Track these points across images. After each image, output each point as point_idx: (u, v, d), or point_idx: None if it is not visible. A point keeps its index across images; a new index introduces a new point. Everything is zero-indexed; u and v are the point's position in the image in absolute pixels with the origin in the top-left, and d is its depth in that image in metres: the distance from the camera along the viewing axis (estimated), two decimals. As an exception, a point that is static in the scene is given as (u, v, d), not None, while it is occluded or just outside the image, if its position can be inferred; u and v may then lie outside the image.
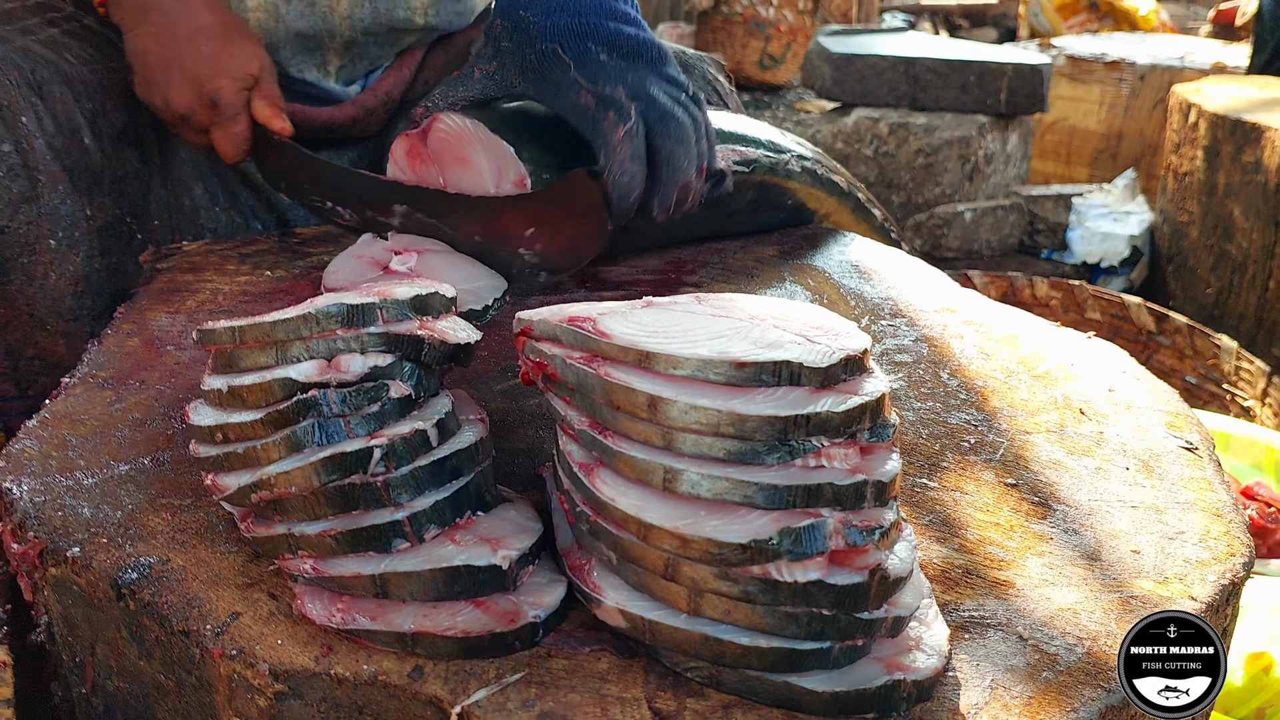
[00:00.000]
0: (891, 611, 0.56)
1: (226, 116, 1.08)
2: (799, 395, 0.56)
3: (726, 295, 0.68)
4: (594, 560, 0.58)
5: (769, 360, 0.56)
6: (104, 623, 0.64)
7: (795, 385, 0.57)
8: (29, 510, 0.68)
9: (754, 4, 5.67)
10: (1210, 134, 2.50)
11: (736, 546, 0.53)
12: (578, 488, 0.58)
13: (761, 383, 0.56)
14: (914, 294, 1.10)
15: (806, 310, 0.66)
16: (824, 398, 0.56)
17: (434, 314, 0.66)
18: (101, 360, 0.87)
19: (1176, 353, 2.06)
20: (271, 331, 0.61)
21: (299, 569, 0.59)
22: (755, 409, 0.55)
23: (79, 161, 1.10)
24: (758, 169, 1.14)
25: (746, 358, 0.57)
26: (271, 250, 1.11)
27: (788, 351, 0.57)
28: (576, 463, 0.59)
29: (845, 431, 0.56)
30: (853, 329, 0.62)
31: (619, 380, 0.57)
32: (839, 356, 0.57)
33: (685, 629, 0.54)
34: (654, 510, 0.55)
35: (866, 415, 0.57)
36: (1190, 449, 0.82)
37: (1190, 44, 4.20)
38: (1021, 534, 0.71)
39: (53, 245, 1.07)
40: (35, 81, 1.09)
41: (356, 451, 0.58)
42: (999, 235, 2.96)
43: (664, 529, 0.54)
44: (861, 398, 0.57)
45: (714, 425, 0.55)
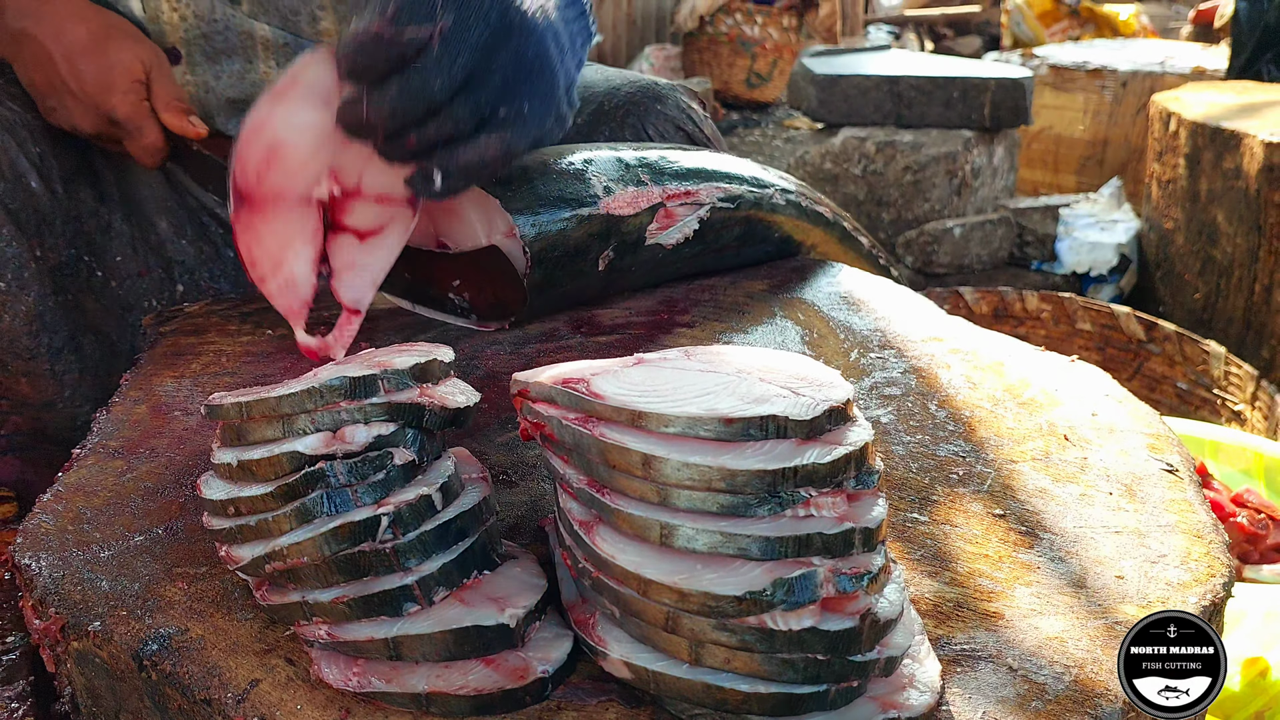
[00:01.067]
0: (884, 652, 0.58)
1: (131, 130, 1.12)
2: (786, 448, 0.59)
3: (715, 349, 0.71)
4: (598, 614, 0.61)
5: (755, 415, 0.59)
6: (127, 693, 0.66)
7: (783, 438, 0.59)
8: (49, 586, 0.70)
9: (739, 24, 5.73)
10: (1190, 142, 2.54)
11: (732, 599, 0.55)
12: (579, 545, 0.61)
13: (750, 437, 0.59)
14: (902, 324, 1.12)
15: (791, 361, 0.68)
16: (810, 449, 0.59)
17: (433, 380, 0.68)
18: (110, 429, 0.90)
19: (1167, 360, 2.09)
20: (277, 406, 0.64)
21: (314, 635, 0.61)
22: (745, 464, 0.58)
23: (25, 204, 1.12)
24: (742, 204, 1.17)
25: (734, 414, 0.59)
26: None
27: (774, 405, 0.60)
28: (576, 520, 0.61)
29: (832, 481, 0.58)
30: (835, 378, 0.65)
31: (613, 440, 0.60)
32: (823, 408, 0.60)
33: (688, 679, 0.56)
34: (652, 566, 0.57)
35: (851, 464, 0.59)
36: (1171, 471, 0.85)
37: (1170, 48, 4.24)
38: (1010, 564, 0.74)
39: (2, 287, 1.10)
40: None
41: (365, 520, 0.61)
42: (989, 249, 2.99)
43: (663, 584, 0.56)
44: (846, 448, 0.59)
45: (706, 480, 0.57)
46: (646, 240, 1.10)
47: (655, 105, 1.34)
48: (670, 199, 1.11)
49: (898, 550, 0.75)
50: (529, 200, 1.01)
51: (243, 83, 1.28)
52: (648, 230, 1.10)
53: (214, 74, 1.26)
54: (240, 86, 1.28)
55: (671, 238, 1.12)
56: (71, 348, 1.14)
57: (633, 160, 1.11)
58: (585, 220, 1.04)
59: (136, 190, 1.26)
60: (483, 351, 1.02)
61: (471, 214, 1.02)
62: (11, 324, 1.10)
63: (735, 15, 5.71)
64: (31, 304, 1.11)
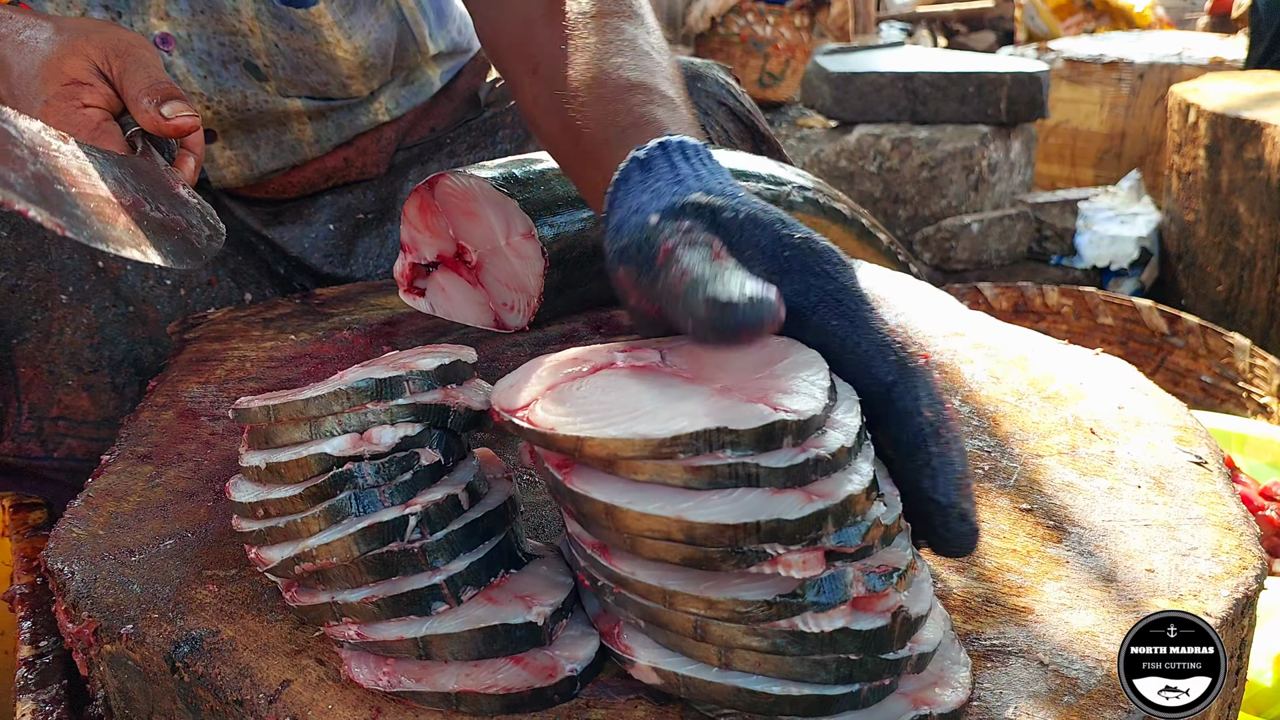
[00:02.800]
0: (915, 649, 0.57)
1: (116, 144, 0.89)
2: (756, 499, 0.54)
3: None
4: (622, 624, 0.60)
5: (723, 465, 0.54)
6: (160, 695, 0.67)
7: (754, 486, 0.54)
8: (81, 590, 0.71)
9: (750, 23, 5.73)
10: (1210, 133, 2.52)
11: (762, 604, 0.54)
12: (595, 566, 0.59)
13: (717, 485, 0.54)
14: (923, 319, 1.12)
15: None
16: (784, 499, 0.54)
17: (458, 381, 0.68)
18: (139, 435, 0.91)
19: (1191, 353, 2.07)
20: (305, 409, 0.64)
21: (344, 635, 0.61)
22: (705, 515, 0.54)
23: None
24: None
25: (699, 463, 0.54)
26: (294, 314, 1.15)
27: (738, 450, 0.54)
28: (587, 543, 0.59)
29: (803, 538, 0.54)
30: (850, 398, 0.60)
31: (579, 489, 0.56)
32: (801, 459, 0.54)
33: (718, 682, 0.55)
34: (675, 578, 0.56)
35: (829, 520, 0.54)
36: (1200, 463, 0.84)
37: (1187, 39, 4.22)
38: (1038, 559, 0.73)
39: (64, 300, 1.10)
40: None
41: (393, 520, 0.61)
42: (1007, 244, 2.98)
43: (689, 594, 0.55)
44: (822, 503, 0.54)
45: (665, 532, 0.54)
46: None
47: (695, 84, 1.34)
48: None
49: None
50: (547, 201, 1.02)
51: (280, 148, 1.26)
52: None
53: (251, 144, 1.25)
54: (280, 154, 1.26)
55: None
56: (130, 360, 1.13)
57: None
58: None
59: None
60: (504, 353, 1.03)
61: (490, 215, 1.03)
62: (73, 337, 1.10)
63: (747, 16, 5.71)
64: (92, 316, 1.11)
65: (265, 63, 1.20)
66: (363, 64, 1.26)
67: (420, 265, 1.10)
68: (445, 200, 1.04)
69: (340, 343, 1.07)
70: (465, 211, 1.04)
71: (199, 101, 1.19)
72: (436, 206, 1.05)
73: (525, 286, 1.03)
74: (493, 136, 1.37)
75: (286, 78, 1.22)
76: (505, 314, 1.06)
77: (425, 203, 1.06)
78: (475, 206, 1.03)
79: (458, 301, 1.10)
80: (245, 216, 1.31)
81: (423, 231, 1.08)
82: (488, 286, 1.06)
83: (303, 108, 1.25)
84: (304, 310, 1.16)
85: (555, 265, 1.01)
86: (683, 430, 0.54)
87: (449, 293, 1.10)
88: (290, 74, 1.22)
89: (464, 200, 1.03)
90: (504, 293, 1.06)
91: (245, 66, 1.20)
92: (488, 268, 1.05)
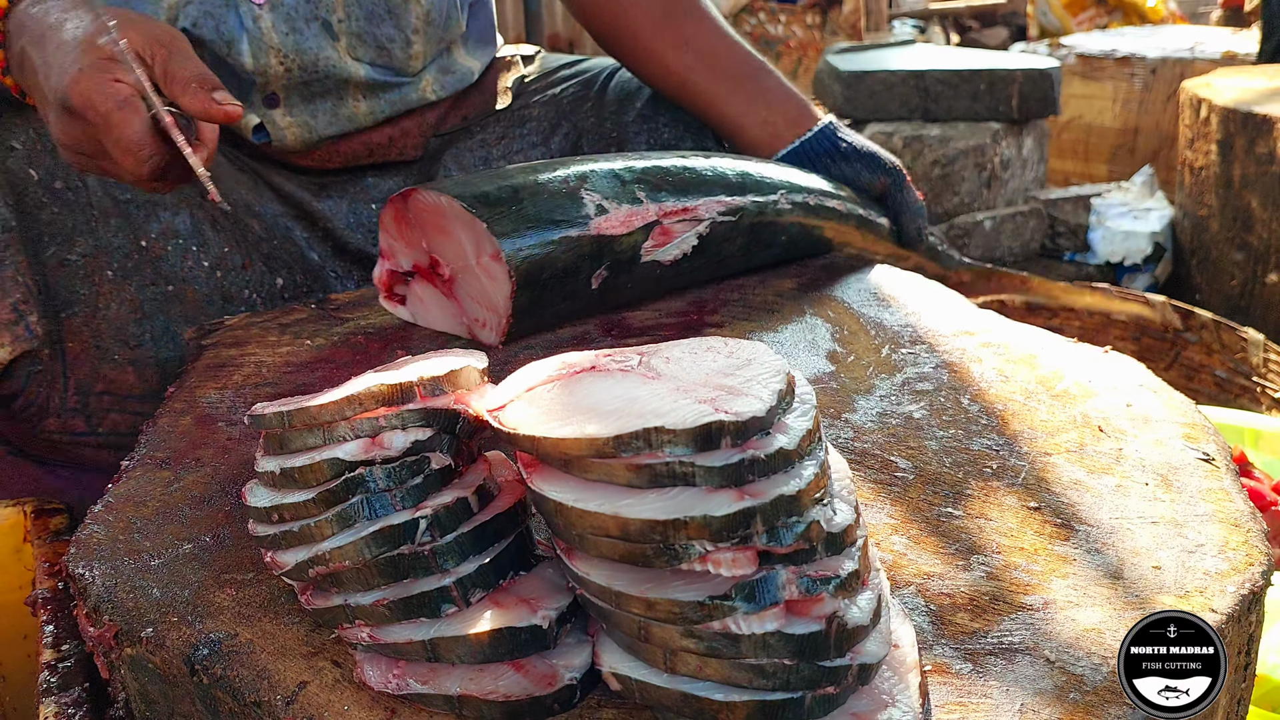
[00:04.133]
0: (856, 659, 0.56)
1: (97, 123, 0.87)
2: (689, 497, 0.56)
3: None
4: (597, 629, 0.61)
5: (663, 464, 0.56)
6: (179, 697, 0.68)
7: (689, 485, 0.56)
8: (102, 594, 0.72)
9: (762, 22, 5.73)
10: (1222, 128, 2.51)
11: (695, 604, 0.55)
12: (563, 567, 0.61)
13: (656, 483, 0.56)
14: (932, 319, 1.13)
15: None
16: (716, 497, 0.55)
17: (468, 387, 0.69)
18: (157, 441, 0.92)
19: (1204, 348, 2.06)
20: (318, 415, 0.65)
21: (357, 637, 0.62)
22: (639, 512, 0.55)
23: (135, 195, 1.16)
24: (745, 216, 1.16)
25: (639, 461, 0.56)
26: (310, 319, 1.16)
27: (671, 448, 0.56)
28: (560, 545, 0.61)
29: (730, 537, 0.55)
30: (807, 404, 0.61)
31: (536, 488, 0.59)
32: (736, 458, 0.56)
33: (666, 687, 0.56)
34: (622, 579, 0.57)
35: (756, 519, 0.54)
36: (1207, 459, 0.84)
37: (1199, 34, 4.19)
38: (1046, 557, 0.74)
39: (110, 276, 1.13)
40: None
41: (403, 523, 0.62)
42: (1020, 241, 2.97)
43: (631, 595, 0.56)
44: (750, 501, 0.55)
45: (604, 529, 0.56)
46: (643, 258, 1.09)
47: None
48: (667, 216, 1.10)
49: (932, 544, 0.75)
50: (516, 222, 1.01)
51: (336, 118, 1.33)
52: (643, 248, 1.09)
53: (310, 113, 1.31)
54: (336, 123, 1.33)
55: (669, 254, 1.11)
56: (169, 337, 1.17)
57: (629, 175, 1.11)
58: (575, 242, 1.04)
59: (235, 189, 1.29)
60: (516, 357, 1.04)
61: (460, 233, 1.03)
62: (119, 312, 1.13)
63: (759, 15, 5.71)
64: (134, 292, 1.14)
65: (341, 16, 1.28)
66: (427, 16, 1.34)
67: (398, 273, 1.11)
68: (419, 214, 1.04)
69: (356, 347, 1.08)
70: (438, 227, 1.04)
71: (274, 57, 1.25)
72: (411, 219, 1.06)
73: (495, 307, 1.03)
74: (521, 127, 1.44)
75: (357, 31, 1.29)
76: (478, 330, 1.06)
77: (400, 213, 1.06)
78: (446, 223, 1.03)
79: (435, 311, 1.10)
80: (295, 190, 1.36)
81: (399, 240, 1.08)
82: (461, 301, 1.06)
83: (363, 76, 1.32)
84: (319, 316, 1.17)
85: (524, 287, 1.01)
86: (623, 430, 0.56)
87: (426, 303, 1.10)
88: (362, 25, 1.29)
89: (436, 216, 1.03)
90: (476, 309, 1.05)
91: (323, 25, 1.26)
92: (460, 283, 1.05)
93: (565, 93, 1.46)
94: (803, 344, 1.07)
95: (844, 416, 0.92)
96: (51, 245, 1.09)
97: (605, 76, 1.46)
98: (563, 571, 0.62)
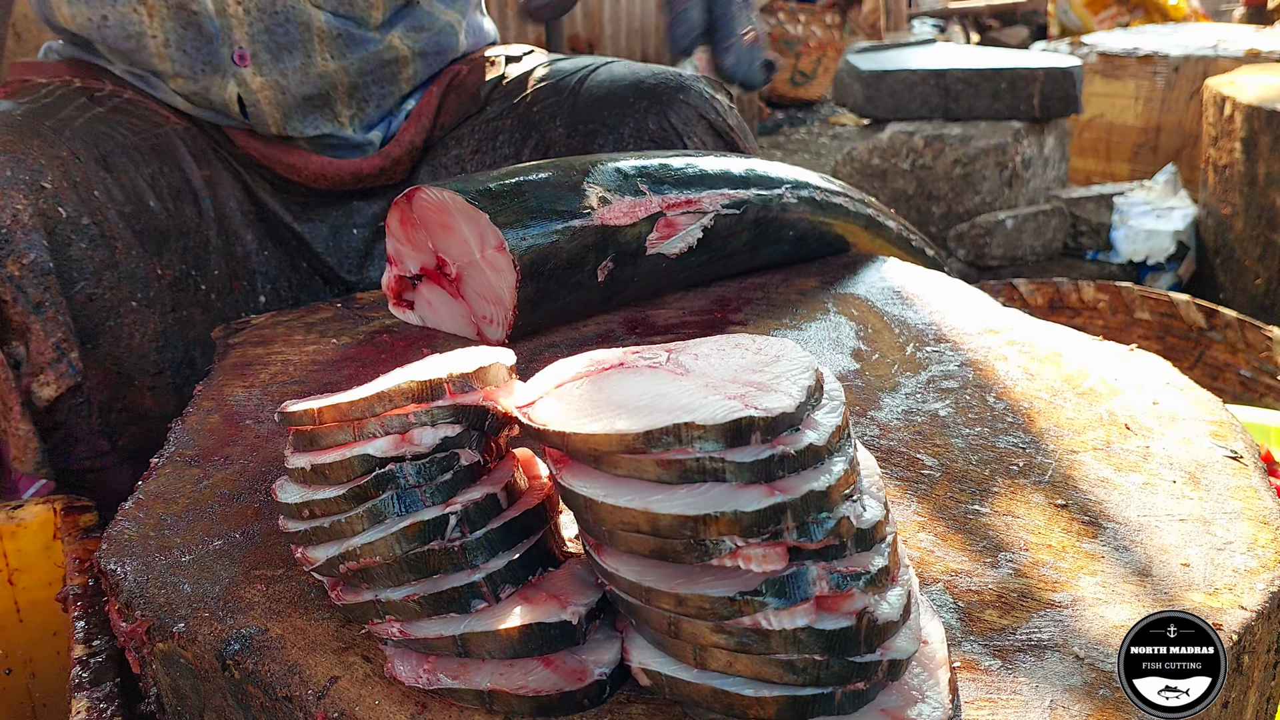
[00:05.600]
0: (886, 655, 0.56)
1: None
2: (720, 492, 0.56)
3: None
4: (626, 625, 0.61)
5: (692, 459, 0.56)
6: (211, 692, 0.69)
7: (719, 481, 0.56)
8: (134, 590, 0.73)
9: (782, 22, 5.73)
10: (1247, 126, 2.49)
11: (725, 600, 0.55)
12: (594, 564, 0.61)
13: (687, 479, 0.56)
14: (957, 317, 1.12)
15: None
16: (747, 493, 0.55)
17: (496, 383, 0.70)
18: (186, 439, 0.93)
19: (1229, 347, 2.05)
20: (348, 411, 0.66)
21: (387, 633, 0.63)
22: (669, 508, 0.55)
23: (147, 224, 1.18)
24: (749, 209, 1.16)
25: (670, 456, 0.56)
26: (335, 318, 1.17)
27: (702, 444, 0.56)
28: (589, 541, 0.61)
29: (760, 532, 0.55)
30: (835, 400, 0.61)
31: (566, 484, 0.59)
32: (766, 454, 0.56)
33: (696, 683, 0.56)
34: (652, 575, 0.57)
35: (787, 515, 0.55)
36: (1235, 457, 0.84)
37: (1222, 31, 4.16)
38: (1074, 554, 0.73)
39: (134, 306, 1.15)
40: (101, 155, 1.18)
41: (434, 519, 0.63)
42: (1042, 240, 2.96)
43: (661, 590, 0.56)
44: (781, 496, 0.55)
45: (634, 525, 0.56)
46: (647, 250, 1.09)
47: (678, 95, 1.35)
48: (670, 208, 1.10)
49: (959, 541, 0.75)
50: (519, 213, 1.02)
51: (307, 78, 1.32)
52: (648, 240, 1.09)
53: (280, 71, 1.30)
54: (307, 82, 1.32)
55: (674, 247, 1.11)
56: (187, 361, 1.19)
57: (631, 169, 1.11)
58: (579, 232, 1.04)
59: (225, 204, 1.31)
60: (541, 354, 1.04)
61: (464, 228, 1.03)
62: (141, 341, 1.15)
63: (778, 14, 5.71)
64: (157, 321, 1.17)
65: None
66: None
67: (406, 278, 1.11)
68: (423, 213, 1.05)
69: (381, 346, 1.08)
70: (442, 225, 1.04)
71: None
72: (415, 219, 1.06)
73: (501, 300, 1.03)
74: (494, 140, 1.42)
75: None
76: (485, 326, 1.07)
77: (405, 216, 1.06)
78: (450, 220, 1.03)
79: (443, 314, 1.10)
80: (279, 208, 1.37)
81: (405, 244, 1.09)
82: (468, 300, 1.07)
83: (325, 26, 1.31)
84: (345, 314, 1.18)
85: (529, 278, 1.01)
86: (653, 425, 0.56)
87: (434, 306, 1.10)
88: None
89: (440, 213, 1.04)
90: (482, 305, 1.06)
91: None
92: (466, 280, 1.06)
93: (536, 101, 1.42)
94: (827, 342, 1.07)
95: (869, 414, 0.92)
96: (80, 280, 1.12)
97: (577, 80, 1.42)
98: (592, 568, 0.62)
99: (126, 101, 1.29)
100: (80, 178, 1.13)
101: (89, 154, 1.16)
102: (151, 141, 1.24)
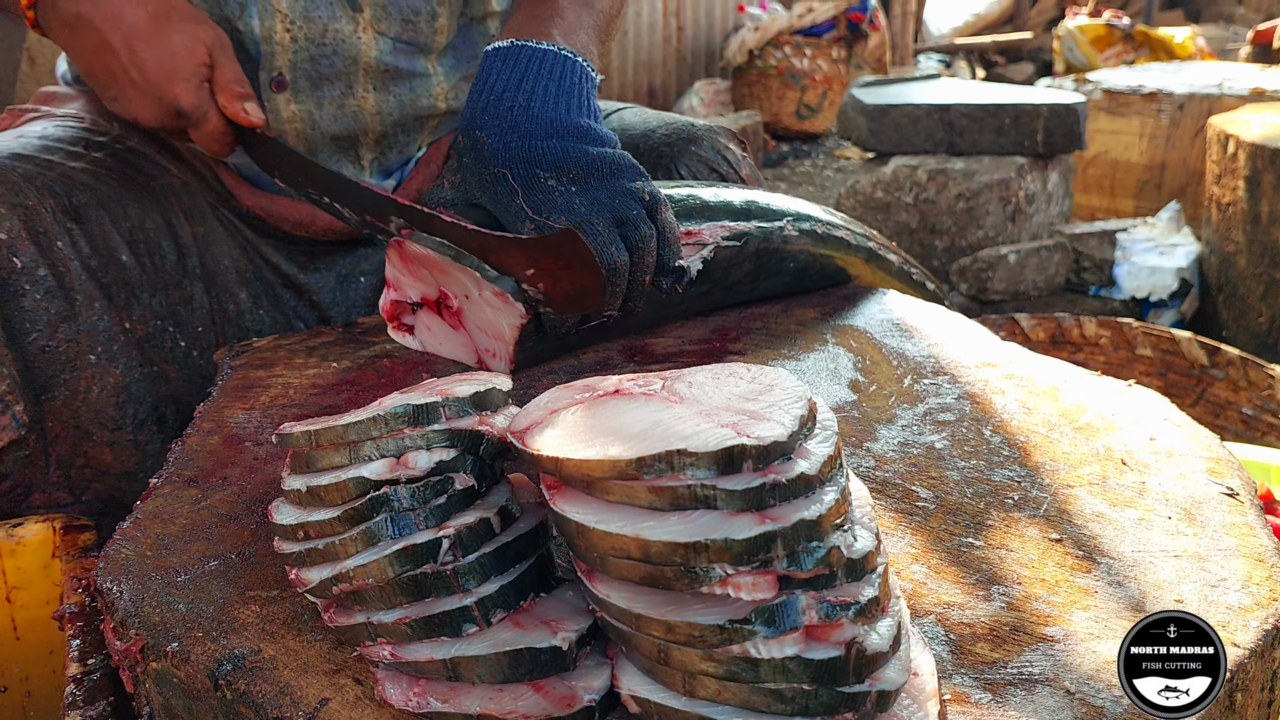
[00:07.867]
0: (875, 686, 0.56)
1: (196, 120, 1.10)
2: (711, 520, 0.56)
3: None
4: (617, 651, 0.61)
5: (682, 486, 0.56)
6: (203, 712, 0.69)
7: (710, 509, 0.56)
8: (129, 609, 0.73)
9: (788, 56, 5.77)
10: (1250, 164, 2.50)
11: (715, 628, 0.55)
12: (583, 589, 0.61)
13: (679, 507, 0.56)
14: (955, 350, 1.13)
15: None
16: (737, 521, 0.56)
17: (492, 409, 0.70)
18: (185, 459, 0.93)
19: (1231, 385, 2.05)
20: (344, 434, 0.66)
21: (379, 655, 0.63)
22: (661, 534, 0.56)
23: (115, 278, 1.16)
24: (749, 241, 1.16)
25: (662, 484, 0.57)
26: (336, 342, 1.18)
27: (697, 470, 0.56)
28: (580, 567, 0.61)
29: (750, 561, 0.55)
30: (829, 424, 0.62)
31: (558, 509, 0.59)
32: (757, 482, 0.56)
33: (685, 710, 0.56)
34: (642, 601, 0.57)
35: (777, 544, 0.55)
36: (1231, 494, 0.84)
37: (1227, 70, 4.19)
38: (1067, 589, 0.73)
39: (93, 360, 1.13)
40: (71, 207, 1.15)
41: (426, 543, 0.63)
42: (1045, 275, 2.96)
43: (651, 617, 0.56)
44: (772, 525, 0.55)
45: (624, 551, 0.57)
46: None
47: (690, 147, 1.35)
48: None
49: (952, 574, 0.75)
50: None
51: (343, 112, 1.30)
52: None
53: (315, 101, 1.28)
54: (342, 121, 1.30)
55: None
56: (154, 419, 1.17)
57: None
58: None
59: (218, 262, 1.28)
60: (539, 381, 1.04)
61: (459, 274, 1.02)
62: (99, 396, 1.13)
63: (784, 48, 5.75)
64: (119, 375, 1.14)
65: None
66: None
67: (404, 302, 1.10)
68: (415, 256, 1.04)
69: (380, 370, 1.09)
70: (438, 267, 1.04)
71: (281, 23, 1.23)
72: (413, 259, 1.05)
73: (502, 335, 1.03)
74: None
75: (383, 3, 1.26)
76: (489, 360, 1.06)
77: (403, 254, 1.06)
78: (444, 265, 1.03)
79: (443, 340, 1.10)
80: (282, 261, 1.34)
81: (405, 275, 1.08)
82: (469, 332, 1.06)
83: (373, 61, 1.28)
84: (346, 339, 1.19)
85: (532, 315, 1.00)
86: (646, 452, 0.57)
87: (435, 331, 1.10)
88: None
89: (430, 261, 1.03)
90: (484, 339, 1.05)
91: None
92: (468, 314, 1.05)
93: None
94: (825, 373, 1.07)
95: (865, 445, 0.92)
96: (33, 332, 1.10)
97: None
98: (583, 594, 0.63)
99: (127, 150, 1.27)
100: (44, 228, 1.11)
101: (59, 204, 1.14)
102: (140, 194, 1.22)
